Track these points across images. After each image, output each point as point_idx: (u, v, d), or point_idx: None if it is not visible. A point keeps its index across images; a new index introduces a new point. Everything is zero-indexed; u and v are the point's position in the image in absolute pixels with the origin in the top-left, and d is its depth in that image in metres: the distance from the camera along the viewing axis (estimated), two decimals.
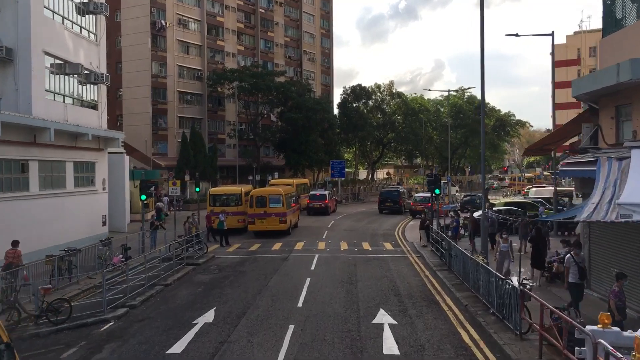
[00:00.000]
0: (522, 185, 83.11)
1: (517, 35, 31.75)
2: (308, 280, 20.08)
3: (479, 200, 52.24)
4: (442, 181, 38.80)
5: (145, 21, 62.61)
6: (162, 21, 63.10)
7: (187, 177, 51.90)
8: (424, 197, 47.86)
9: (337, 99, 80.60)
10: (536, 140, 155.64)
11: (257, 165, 66.94)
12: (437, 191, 28.83)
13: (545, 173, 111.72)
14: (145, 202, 27.55)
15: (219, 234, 30.91)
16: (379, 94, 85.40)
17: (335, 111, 80.00)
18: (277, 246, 29.65)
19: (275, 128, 70.32)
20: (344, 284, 19.61)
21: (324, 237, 33.74)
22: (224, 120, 72.61)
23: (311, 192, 48.40)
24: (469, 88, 54.44)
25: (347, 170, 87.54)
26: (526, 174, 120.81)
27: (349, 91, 77.21)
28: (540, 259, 19.51)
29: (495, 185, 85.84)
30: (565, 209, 32.70)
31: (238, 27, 74.83)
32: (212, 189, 39.14)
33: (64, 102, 27.56)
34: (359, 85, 77.63)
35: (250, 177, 62.41)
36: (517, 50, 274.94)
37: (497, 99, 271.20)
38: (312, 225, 40.16)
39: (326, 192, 48.18)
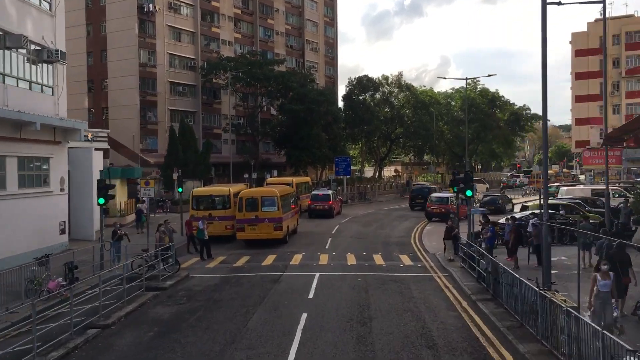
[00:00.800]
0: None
1: (559, 3, 25.90)
2: (303, 317, 14.61)
3: (501, 201, 46.72)
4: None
5: (132, 4, 57.16)
6: (151, 5, 57.65)
7: (175, 176, 46.48)
8: (441, 197, 42.38)
9: (342, 92, 75.53)
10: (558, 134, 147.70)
11: (255, 163, 61.53)
12: (469, 193, 22.96)
13: (564, 170, 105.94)
14: (104, 206, 22.15)
15: (200, 244, 25.56)
16: (386, 86, 79.75)
17: (340, 104, 74.44)
18: (269, 260, 24.23)
19: (275, 122, 64.83)
20: (353, 324, 14.14)
21: (326, 246, 28.30)
22: (219, 114, 67.25)
23: (313, 192, 42.94)
24: (488, 76, 48.17)
25: (352, 167, 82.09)
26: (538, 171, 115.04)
27: (354, 82, 71.56)
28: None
29: (518, 183, 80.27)
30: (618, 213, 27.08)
31: (235, 13, 69.31)
32: (195, 189, 33.74)
33: (2, 82, 22.16)
34: (366, 76, 72.19)
35: (247, 175, 57.03)
36: (524, 46, 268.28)
37: (507, 95, 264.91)
38: (313, 230, 34.73)
39: (330, 192, 42.71)
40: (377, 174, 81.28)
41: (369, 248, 27.44)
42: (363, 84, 71.37)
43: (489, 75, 46.69)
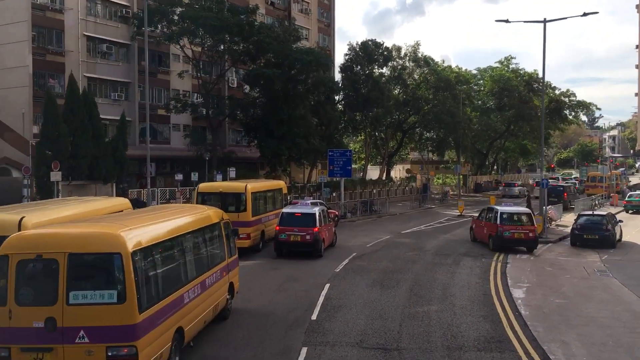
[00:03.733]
0: (610, 187, 58.32)
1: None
2: None
3: (608, 225, 27.73)
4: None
5: None
6: None
7: (55, 176, 27.14)
8: (519, 213, 26.22)
9: (339, 76, 55.42)
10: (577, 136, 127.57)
11: (212, 157, 42.13)
12: None
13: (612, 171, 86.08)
14: None
15: None
16: (398, 59, 60.30)
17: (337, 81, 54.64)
18: None
19: (247, 100, 45.23)
20: None
21: None
22: (167, 88, 47.88)
23: (284, 211, 23.28)
24: (584, 15, 27.66)
25: (352, 166, 62.78)
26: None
27: (357, 48, 52.00)
28: None
29: (578, 187, 61.55)
30: None
31: None
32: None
33: None
34: (372, 40, 52.42)
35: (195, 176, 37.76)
36: (526, 47, 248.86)
37: None
38: (266, 308, 15.33)
39: (315, 210, 23.08)
40: (385, 174, 61.82)
41: None
42: (369, 51, 51.77)
43: (585, 14, 27.06)
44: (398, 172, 76.49)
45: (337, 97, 53.16)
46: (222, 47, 41.35)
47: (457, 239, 29.23)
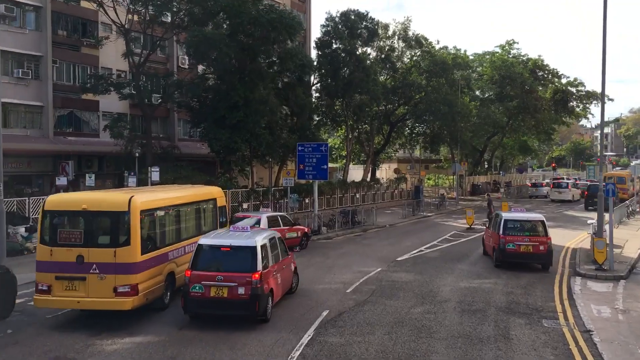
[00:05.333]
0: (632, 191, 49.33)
1: None
2: None
3: None
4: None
5: None
6: None
7: None
8: (520, 220, 20.89)
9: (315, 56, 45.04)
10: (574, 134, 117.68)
11: (143, 153, 32.06)
12: None
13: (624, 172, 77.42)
14: None
15: None
16: (386, 40, 50.61)
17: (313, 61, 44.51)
18: None
19: (190, 80, 34.99)
20: None
21: None
22: (96, 66, 37.64)
23: (203, 242, 13.19)
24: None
25: (331, 165, 52.95)
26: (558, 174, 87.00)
27: (337, 19, 42.17)
28: None
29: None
30: None
31: None
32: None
33: None
34: (355, 10, 42.63)
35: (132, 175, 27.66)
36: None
37: None
38: None
39: (258, 239, 13.19)
40: (370, 175, 52.01)
41: None
42: (350, 24, 41.94)
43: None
44: (385, 172, 66.88)
45: (312, 80, 43.31)
46: (150, 9, 31.26)
47: (482, 274, 19.60)
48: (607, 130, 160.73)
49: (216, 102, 32.15)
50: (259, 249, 13.07)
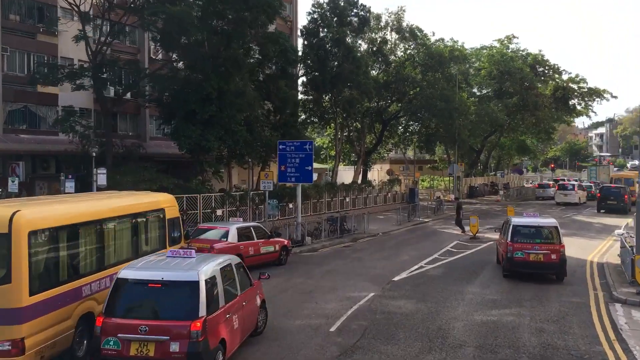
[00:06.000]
0: None
1: None
2: None
3: None
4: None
5: None
6: None
7: None
8: (531, 226, 18.53)
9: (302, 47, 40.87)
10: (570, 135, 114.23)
11: (102, 153, 28.07)
12: None
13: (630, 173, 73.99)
14: None
15: None
16: (377, 31, 46.93)
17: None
18: None
19: (155, 70, 30.94)
20: None
21: None
22: (55, 56, 33.58)
23: (123, 275, 9.42)
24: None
25: (319, 166, 49.09)
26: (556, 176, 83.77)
27: (325, 5, 38.35)
28: None
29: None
30: None
31: None
32: None
33: None
34: None
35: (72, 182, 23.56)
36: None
37: None
38: None
39: (203, 269, 9.44)
40: (361, 177, 48.19)
41: None
42: (339, 11, 38.21)
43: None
44: (377, 173, 63.09)
45: (297, 72, 39.49)
46: None
47: (499, 301, 15.85)
48: (602, 130, 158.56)
49: (186, 95, 28.19)
50: (202, 284, 9.22)
